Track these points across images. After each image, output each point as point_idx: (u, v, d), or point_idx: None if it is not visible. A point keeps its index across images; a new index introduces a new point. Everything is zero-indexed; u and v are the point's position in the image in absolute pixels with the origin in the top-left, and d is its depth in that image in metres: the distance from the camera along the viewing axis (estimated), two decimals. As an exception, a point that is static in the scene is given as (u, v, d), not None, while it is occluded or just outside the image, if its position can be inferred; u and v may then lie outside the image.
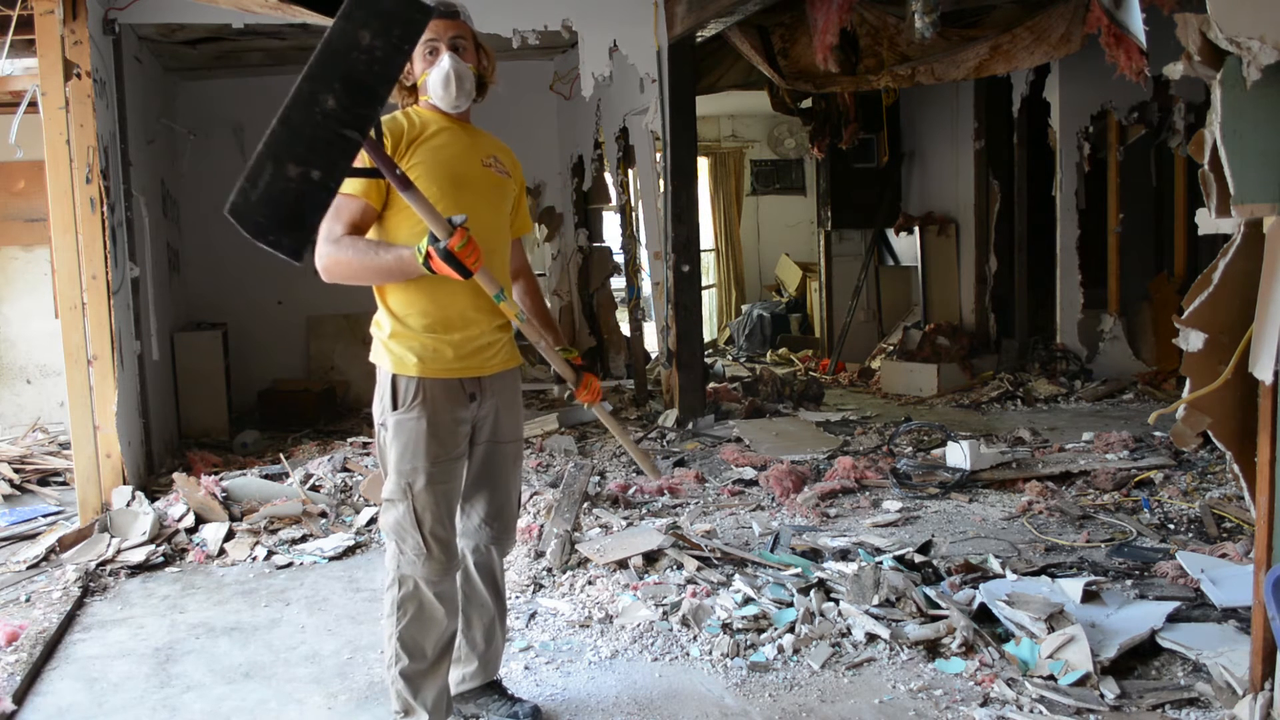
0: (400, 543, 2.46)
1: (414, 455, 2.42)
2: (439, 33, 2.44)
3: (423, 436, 2.42)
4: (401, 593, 2.47)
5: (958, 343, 8.09)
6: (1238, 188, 2.39)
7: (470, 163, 2.52)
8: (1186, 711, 2.67)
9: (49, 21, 4.60)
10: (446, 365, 2.45)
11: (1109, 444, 5.41)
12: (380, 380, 2.48)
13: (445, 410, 2.45)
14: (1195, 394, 2.53)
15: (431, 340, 2.44)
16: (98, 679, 3.17)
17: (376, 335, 2.51)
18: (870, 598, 3.31)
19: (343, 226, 2.34)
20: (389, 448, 2.46)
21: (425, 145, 2.45)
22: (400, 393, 2.44)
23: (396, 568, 2.48)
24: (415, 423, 2.42)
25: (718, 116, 11.36)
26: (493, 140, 2.67)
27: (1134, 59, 4.93)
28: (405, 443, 2.42)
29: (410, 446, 2.42)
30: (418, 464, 2.42)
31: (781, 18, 6.54)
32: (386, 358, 2.46)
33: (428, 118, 2.50)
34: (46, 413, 6.99)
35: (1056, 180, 7.76)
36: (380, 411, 2.48)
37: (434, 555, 2.45)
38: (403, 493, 2.43)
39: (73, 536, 4.30)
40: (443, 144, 2.47)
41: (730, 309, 11.45)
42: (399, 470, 2.43)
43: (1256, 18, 2.31)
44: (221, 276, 7.52)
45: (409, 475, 2.43)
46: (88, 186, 4.74)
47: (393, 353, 2.45)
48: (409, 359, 2.43)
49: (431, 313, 2.46)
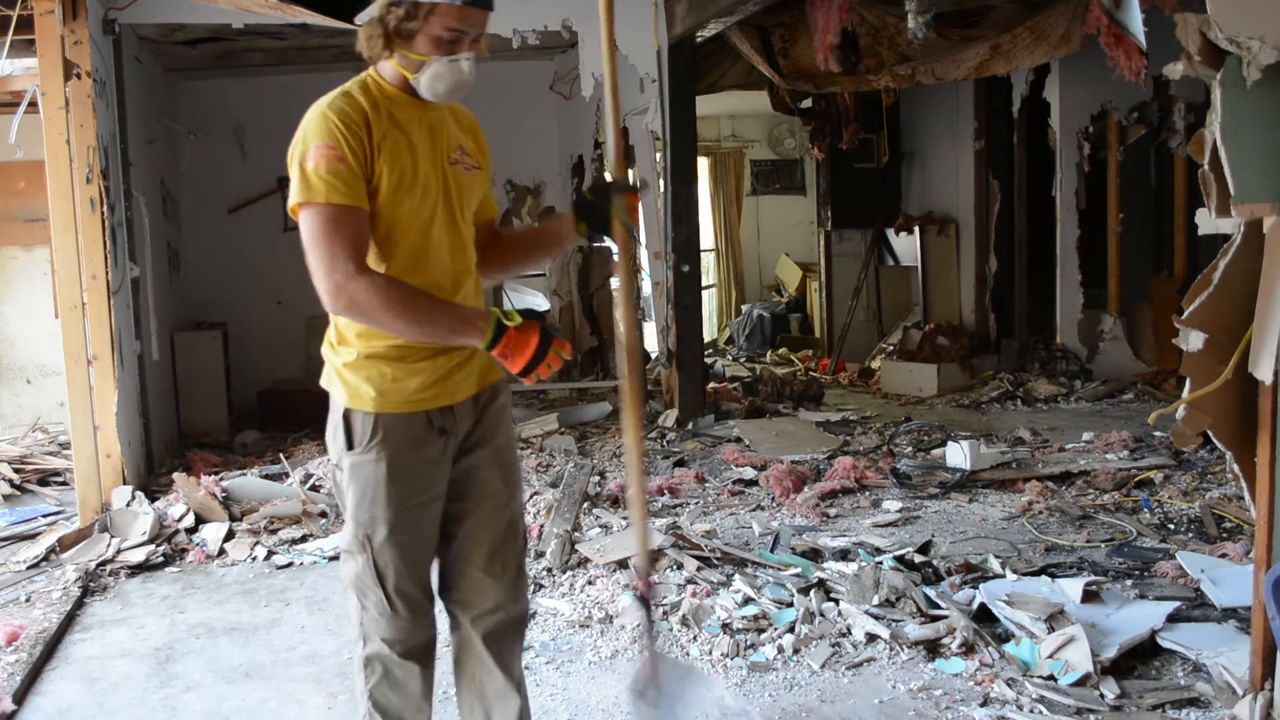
0: (362, 598, 2.12)
1: (373, 503, 2.07)
2: (470, 24, 1.98)
3: (382, 481, 2.06)
4: (368, 650, 2.14)
5: (958, 343, 8.09)
6: (1238, 188, 2.39)
7: (436, 163, 2.09)
8: (1186, 711, 2.67)
9: (49, 21, 4.60)
10: (407, 398, 2.06)
11: (1109, 444, 5.41)
12: (333, 412, 2.12)
13: (407, 450, 2.07)
14: (1195, 394, 2.53)
15: (391, 369, 2.05)
16: (98, 679, 3.17)
17: (329, 359, 2.12)
18: (870, 598, 3.31)
19: (354, 249, 1.93)
20: (345, 492, 2.11)
21: (392, 140, 2.01)
22: (356, 430, 2.07)
23: (359, 624, 2.15)
24: (373, 466, 2.06)
25: (718, 116, 11.36)
26: (455, 114, 2.20)
27: (1134, 59, 4.94)
28: (363, 488, 2.07)
29: (369, 492, 2.07)
30: (376, 513, 2.07)
31: (781, 18, 6.54)
32: (340, 388, 2.09)
33: (389, 95, 2.05)
34: (46, 413, 6.99)
35: (1056, 180, 7.76)
36: (335, 450, 2.12)
37: (399, 614, 2.10)
38: (361, 545, 2.09)
39: (73, 536, 4.30)
40: (407, 138, 2.04)
41: (730, 309, 11.44)
42: (356, 519, 2.09)
43: (1256, 18, 2.32)
44: (221, 276, 7.52)
45: (367, 526, 2.08)
46: (88, 186, 4.74)
47: (346, 383, 2.07)
48: (364, 390, 2.05)
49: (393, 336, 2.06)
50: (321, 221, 1.92)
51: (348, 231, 1.93)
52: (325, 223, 1.92)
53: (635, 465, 2.25)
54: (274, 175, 7.68)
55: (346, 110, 1.99)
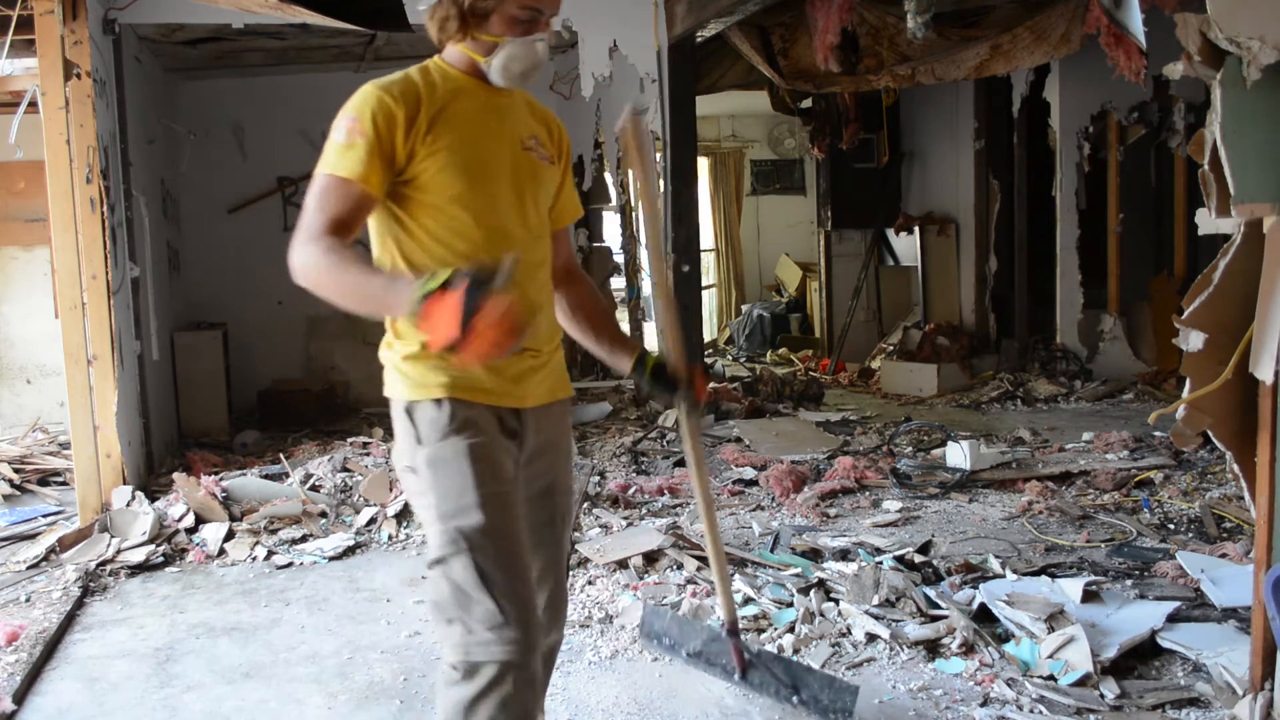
0: (464, 617, 1.78)
1: (460, 491, 1.81)
2: (546, 4, 1.90)
3: (468, 465, 1.82)
4: (474, 688, 1.76)
5: (958, 343, 8.09)
6: (1238, 188, 2.39)
7: (502, 145, 1.95)
8: (1186, 711, 2.67)
9: (49, 21, 4.60)
10: (480, 388, 1.88)
11: (1109, 444, 5.41)
12: (398, 416, 1.91)
13: (490, 432, 1.88)
14: (1195, 394, 2.53)
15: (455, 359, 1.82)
16: (98, 679, 3.17)
17: (387, 359, 1.95)
18: (870, 598, 3.31)
19: (327, 218, 1.79)
20: (425, 493, 1.85)
21: (448, 121, 1.88)
22: (427, 421, 1.86)
23: (464, 655, 1.78)
24: (454, 450, 1.83)
25: (718, 116, 11.36)
26: (531, 106, 2.08)
27: (1134, 59, 4.94)
28: (447, 478, 1.82)
29: (455, 481, 1.82)
30: (466, 500, 1.80)
31: (781, 18, 6.55)
32: (401, 384, 1.91)
33: (453, 78, 1.93)
34: (46, 413, 6.99)
35: (1056, 180, 7.76)
36: (407, 454, 1.90)
37: (512, 620, 1.76)
38: (454, 544, 1.79)
39: (73, 536, 4.30)
40: (469, 119, 1.90)
41: (730, 309, 11.45)
42: (444, 515, 1.81)
43: (1256, 18, 2.31)
44: (221, 276, 7.51)
45: (459, 516, 1.80)
46: (88, 186, 4.74)
47: (408, 376, 1.90)
48: (431, 378, 1.87)
49: None
50: (318, 190, 1.82)
51: (333, 205, 1.80)
52: (320, 192, 1.82)
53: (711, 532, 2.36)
54: (274, 175, 7.68)
55: (392, 88, 1.86)
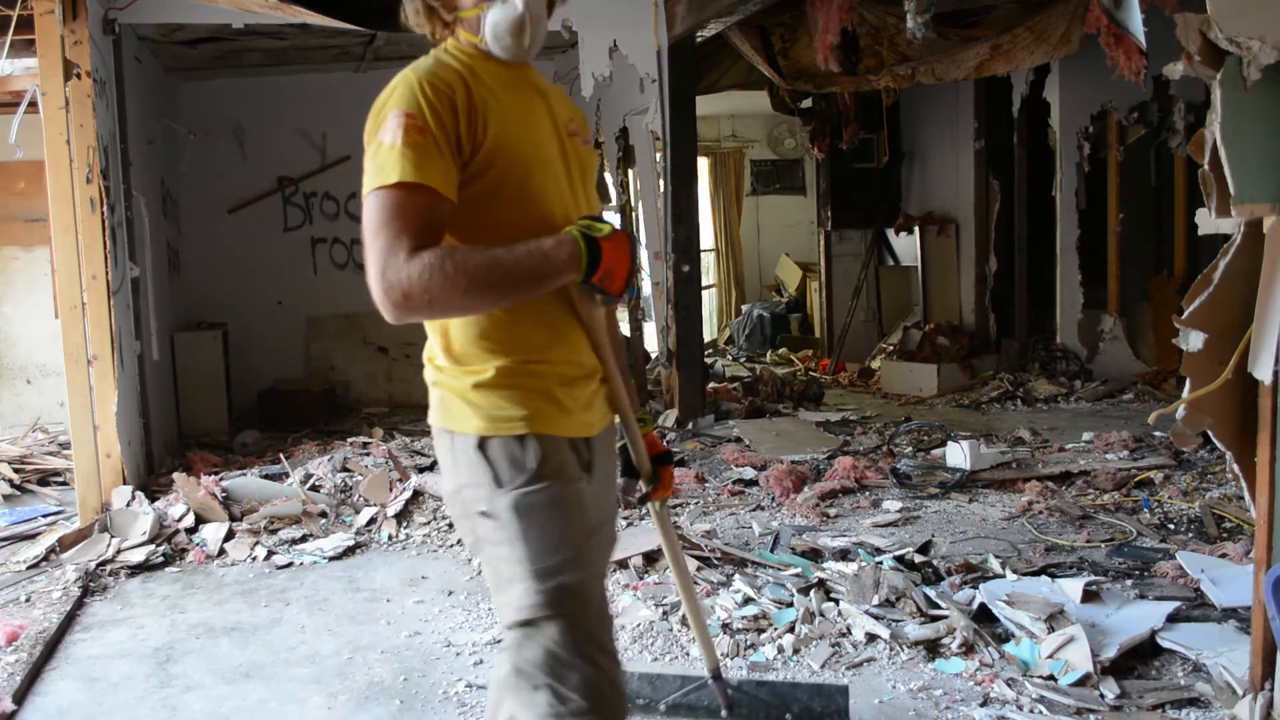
0: (556, 685, 1.60)
1: (556, 544, 1.63)
2: None
3: (560, 509, 1.65)
4: None
5: (958, 343, 8.09)
6: (1238, 188, 2.39)
7: (550, 132, 1.76)
8: (1186, 711, 2.67)
9: (49, 21, 4.60)
10: (560, 419, 1.70)
11: (1109, 444, 5.41)
12: (463, 450, 1.68)
13: (576, 473, 1.72)
14: (1195, 394, 2.53)
15: (541, 381, 1.68)
16: (98, 679, 3.17)
17: (446, 385, 1.72)
18: (870, 598, 3.31)
19: (414, 231, 1.54)
20: (509, 543, 1.64)
21: (496, 107, 1.66)
22: (508, 460, 1.65)
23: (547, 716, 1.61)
24: (548, 496, 1.64)
25: (718, 116, 11.37)
26: (558, 91, 1.89)
27: (1134, 59, 4.94)
28: (539, 528, 1.63)
29: (548, 531, 1.63)
30: (564, 555, 1.62)
31: (781, 18, 6.55)
32: (471, 416, 1.67)
33: (482, 68, 1.70)
34: (46, 413, 6.99)
35: (1056, 180, 7.76)
36: (484, 498, 1.66)
37: (609, 691, 1.63)
38: (552, 602, 1.61)
39: (73, 536, 4.30)
40: (514, 105, 1.70)
41: (730, 309, 11.45)
42: (538, 573, 1.62)
43: (1256, 18, 2.32)
44: (221, 276, 7.52)
45: (560, 573, 1.62)
46: (88, 186, 4.74)
47: (480, 408, 1.66)
48: (512, 410, 1.65)
49: (536, 336, 1.68)
50: (385, 206, 1.54)
51: (413, 217, 1.54)
52: (389, 207, 1.54)
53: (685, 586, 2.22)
54: (274, 175, 7.69)
55: (439, 74, 1.64)
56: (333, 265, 7.87)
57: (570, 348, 1.72)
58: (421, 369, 1.80)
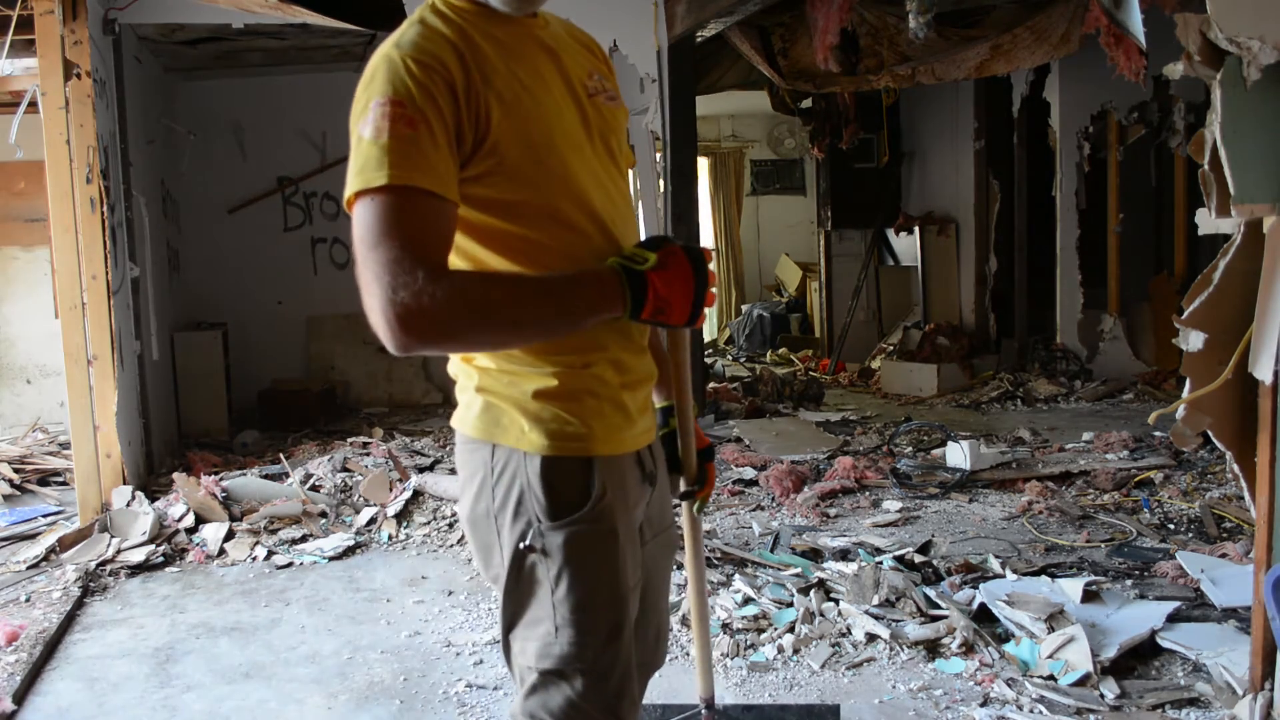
0: None
1: (610, 589, 1.45)
2: None
3: (620, 549, 1.45)
4: None
5: (958, 343, 8.09)
6: (1238, 188, 2.39)
7: (567, 106, 1.45)
8: (1186, 711, 2.67)
9: (49, 21, 4.60)
10: (632, 426, 1.49)
11: (1109, 444, 5.41)
12: (508, 469, 1.43)
13: (628, 508, 1.50)
14: (1195, 394, 2.53)
15: (608, 388, 1.46)
16: (98, 679, 3.17)
17: (489, 388, 1.46)
18: (870, 598, 3.31)
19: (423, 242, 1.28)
20: (550, 581, 1.43)
21: (498, 93, 1.36)
22: (568, 489, 1.42)
23: None
24: (601, 534, 1.43)
25: (718, 116, 11.37)
26: (570, 30, 1.58)
27: (1133, 59, 4.94)
28: (595, 570, 1.43)
29: (604, 573, 1.44)
30: (615, 604, 1.45)
31: (781, 18, 6.55)
32: (529, 430, 1.43)
33: (478, 30, 1.40)
34: (46, 413, 6.99)
35: (1056, 180, 7.76)
36: (512, 526, 1.43)
37: None
38: (590, 656, 1.43)
39: (73, 536, 4.30)
40: (521, 87, 1.39)
41: (730, 309, 11.45)
42: (580, 621, 1.42)
43: (1256, 18, 2.32)
44: (221, 276, 7.52)
45: (604, 626, 1.44)
46: (88, 186, 4.74)
47: (541, 421, 1.42)
48: (577, 427, 1.42)
49: (599, 331, 1.44)
50: (379, 215, 1.27)
51: (414, 226, 1.27)
52: (384, 216, 1.27)
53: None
54: (274, 175, 7.69)
55: (428, 49, 1.34)
56: (333, 265, 7.87)
57: (629, 341, 1.49)
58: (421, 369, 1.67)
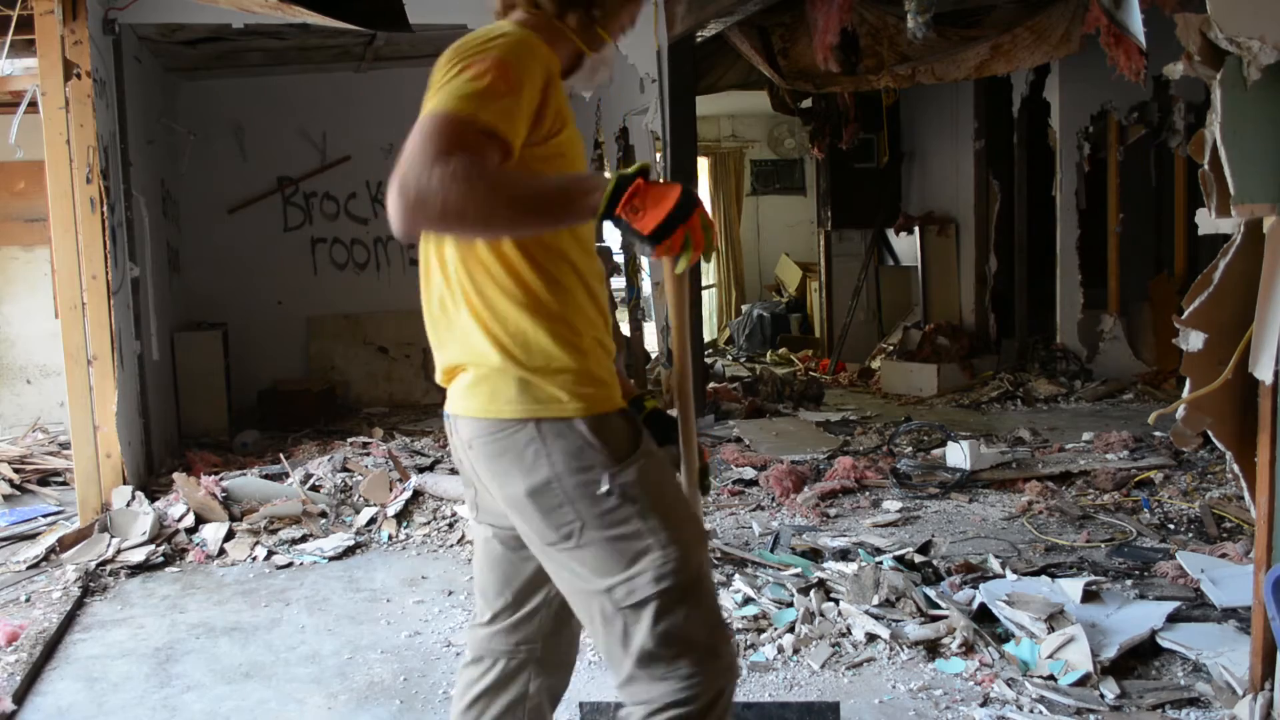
0: (703, 657, 1.62)
1: (685, 504, 1.70)
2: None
3: (672, 475, 1.72)
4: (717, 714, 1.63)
5: (958, 343, 8.09)
6: (1238, 188, 2.39)
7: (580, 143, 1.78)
8: (1186, 711, 2.67)
9: (49, 21, 4.60)
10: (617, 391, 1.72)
11: (1109, 444, 5.41)
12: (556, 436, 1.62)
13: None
14: (1195, 394, 2.53)
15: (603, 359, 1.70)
16: (98, 679, 3.17)
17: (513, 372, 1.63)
18: (870, 598, 3.31)
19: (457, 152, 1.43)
20: (639, 516, 1.61)
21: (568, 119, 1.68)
22: (618, 437, 1.64)
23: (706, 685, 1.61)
24: (656, 462, 1.67)
25: (718, 116, 11.37)
26: None
27: (1133, 59, 4.94)
28: (666, 498, 1.65)
29: (672, 499, 1.66)
30: (696, 523, 1.70)
31: (781, 18, 6.55)
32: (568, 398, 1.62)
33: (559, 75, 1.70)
34: (46, 413, 6.99)
35: (1056, 180, 7.76)
36: (583, 480, 1.61)
37: (730, 649, 1.69)
38: (697, 560, 1.63)
39: (73, 536, 4.30)
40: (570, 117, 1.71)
41: (730, 309, 11.45)
42: (676, 539, 1.61)
43: (1256, 18, 2.32)
44: (221, 276, 7.52)
45: (693, 540, 1.65)
46: (88, 186, 4.74)
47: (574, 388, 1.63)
48: (599, 389, 1.66)
49: (598, 323, 1.71)
50: (439, 127, 1.44)
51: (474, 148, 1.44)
52: (444, 129, 1.44)
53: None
54: (274, 175, 7.69)
55: (538, 44, 1.61)
56: (333, 265, 7.87)
57: (607, 325, 1.74)
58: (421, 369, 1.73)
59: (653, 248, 1.47)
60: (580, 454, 1.61)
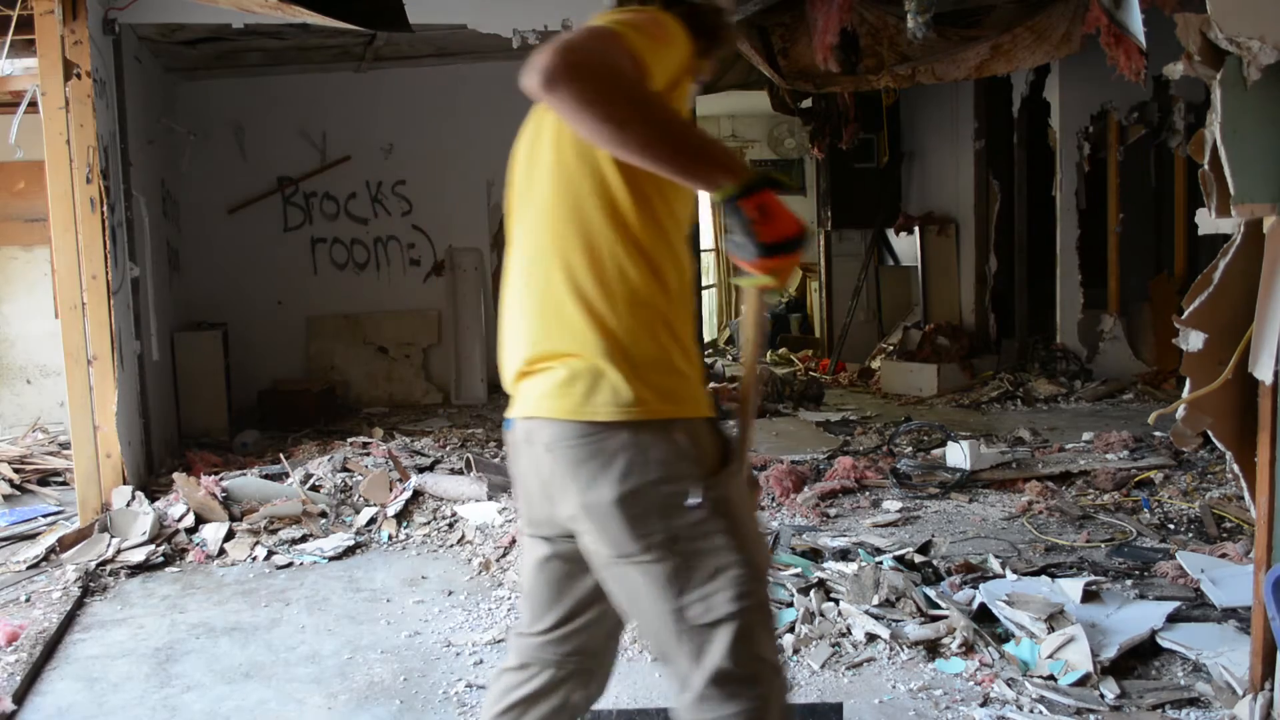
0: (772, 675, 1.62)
1: (752, 521, 1.66)
2: None
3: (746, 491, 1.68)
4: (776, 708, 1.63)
5: (958, 343, 8.09)
6: (1238, 188, 2.39)
7: None
8: (1186, 711, 2.67)
9: (49, 21, 4.60)
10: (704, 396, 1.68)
11: (1109, 444, 5.41)
12: (655, 441, 1.56)
13: None
14: (1195, 394, 2.53)
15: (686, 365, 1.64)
16: (98, 679, 3.17)
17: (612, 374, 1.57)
18: (870, 598, 3.31)
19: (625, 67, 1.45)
20: (725, 531, 1.58)
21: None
22: (712, 445, 1.61)
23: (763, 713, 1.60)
24: (741, 479, 1.66)
25: (718, 116, 11.37)
26: None
27: (1133, 59, 4.94)
28: (743, 515, 1.62)
29: (747, 514, 1.64)
30: (757, 533, 1.67)
31: (781, 18, 6.54)
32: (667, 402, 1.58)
33: None
34: (46, 413, 6.99)
35: (1056, 180, 7.77)
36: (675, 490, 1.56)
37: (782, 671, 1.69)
38: (765, 592, 1.63)
39: (73, 536, 4.30)
40: None
41: (730, 309, 11.45)
42: (754, 560, 1.60)
43: (1256, 18, 2.32)
44: (221, 276, 7.52)
45: (765, 560, 1.66)
46: (88, 186, 4.74)
47: (674, 391, 1.59)
48: (691, 392, 1.62)
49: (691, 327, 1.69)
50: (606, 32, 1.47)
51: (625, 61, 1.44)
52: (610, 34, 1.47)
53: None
54: (274, 175, 7.69)
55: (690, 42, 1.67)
56: (333, 265, 7.87)
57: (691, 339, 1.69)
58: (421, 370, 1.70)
59: (761, 259, 1.45)
60: (674, 463, 1.56)
